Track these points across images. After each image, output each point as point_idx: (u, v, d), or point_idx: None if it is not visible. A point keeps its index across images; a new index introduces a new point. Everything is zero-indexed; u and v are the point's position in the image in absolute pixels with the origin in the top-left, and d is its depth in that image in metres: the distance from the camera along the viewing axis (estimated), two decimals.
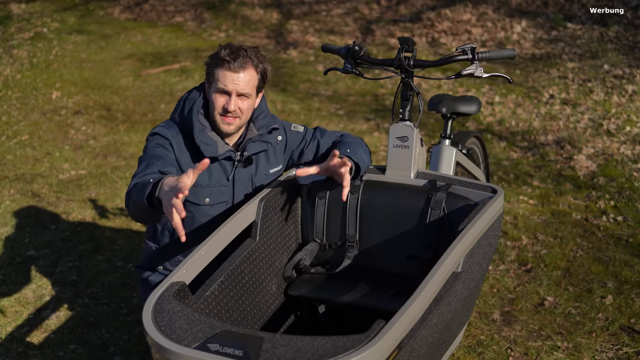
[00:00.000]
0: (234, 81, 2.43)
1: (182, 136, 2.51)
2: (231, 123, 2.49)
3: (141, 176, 2.30)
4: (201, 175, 2.51)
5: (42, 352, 2.99)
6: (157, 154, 2.44)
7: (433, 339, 2.06)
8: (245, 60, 2.43)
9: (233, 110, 2.45)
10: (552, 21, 8.13)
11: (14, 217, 4.25)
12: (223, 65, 2.43)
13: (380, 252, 2.62)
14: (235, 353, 1.74)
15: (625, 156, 4.99)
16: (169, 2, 10.52)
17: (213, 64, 2.47)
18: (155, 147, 2.48)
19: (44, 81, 7.33)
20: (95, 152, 5.39)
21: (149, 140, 2.52)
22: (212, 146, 2.48)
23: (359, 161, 2.51)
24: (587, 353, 2.94)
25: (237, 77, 2.43)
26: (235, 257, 2.37)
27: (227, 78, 2.43)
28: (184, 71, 7.57)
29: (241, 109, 2.48)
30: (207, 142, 2.48)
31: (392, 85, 6.91)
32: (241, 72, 2.43)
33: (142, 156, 2.48)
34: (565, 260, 3.70)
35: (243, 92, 2.45)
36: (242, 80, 2.44)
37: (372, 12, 9.23)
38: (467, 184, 2.54)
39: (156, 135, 2.51)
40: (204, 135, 2.48)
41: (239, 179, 2.59)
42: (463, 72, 2.52)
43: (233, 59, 2.41)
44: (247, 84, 2.45)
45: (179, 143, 2.50)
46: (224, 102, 2.46)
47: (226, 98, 2.46)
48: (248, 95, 2.47)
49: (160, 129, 2.52)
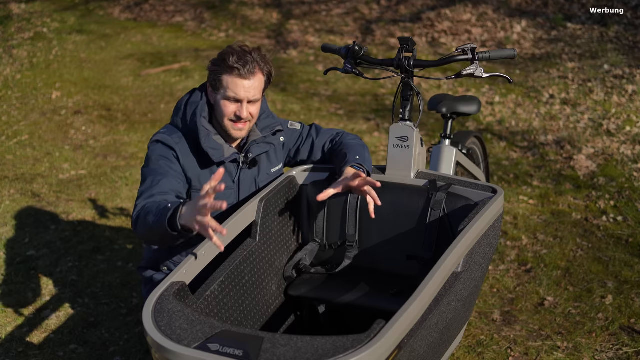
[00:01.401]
0: (246, 89, 2.41)
1: (185, 141, 2.49)
2: (242, 128, 2.49)
3: (147, 197, 2.30)
4: (206, 180, 2.49)
5: (42, 352, 2.99)
6: (162, 169, 2.42)
7: (433, 339, 2.06)
8: (254, 65, 2.41)
9: (246, 116, 2.45)
10: (552, 21, 8.13)
11: (14, 217, 4.25)
12: (232, 73, 2.40)
13: (380, 252, 2.62)
14: (235, 353, 1.74)
15: (625, 156, 4.99)
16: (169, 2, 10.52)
17: (220, 71, 2.43)
18: (159, 159, 2.44)
19: (44, 81, 7.33)
20: (95, 152, 5.39)
21: (151, 149, 2.48)
22: (218, 151, 2.47)
23: (369, 168, 2.54)
24: (587, 353, 2.94)
25: (249, 84, 2.41)
26: (235, 257, 2.37)
27: (238, 86, 2.41)
28: (184, 71, 7.57)
29: (252, 114, 2.48)
30: (214, 146, 2.46)
31: (392, 85, 6.91)
32: (251, 78, 2.41)
33: (145, 169, 2.45)
34: (565, 260, 3.70)
35: (254, 99, 2.45)
36: (252, 87, 2.42)
37: (372, 12, 9.23)
38: (467, 184, 2.54)
39: (159, 143, 2.48)
40: (209, 140, 2.46)
41: (243, 180, 2.58)
42: (463, 72, 2.52)
43: (242, 66, 2.39)
44: (257, 90, 2.45)
45: (184, 149, 2.48)
46: (235, 109, 2.44)
47: (237, 105, 2.44)
48: (257, 100, 2.48)
49: (163, 137, 2.48)
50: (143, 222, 2.24)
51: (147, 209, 2.25)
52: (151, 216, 2.20)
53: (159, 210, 2.18)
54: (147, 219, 2.21)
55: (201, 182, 2.50)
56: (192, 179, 2.50)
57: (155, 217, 2.17)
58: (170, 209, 2.13)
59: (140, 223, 2.26)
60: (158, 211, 2.18)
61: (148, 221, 2.21)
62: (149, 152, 2.49)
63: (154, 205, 2.24)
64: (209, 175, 2.50)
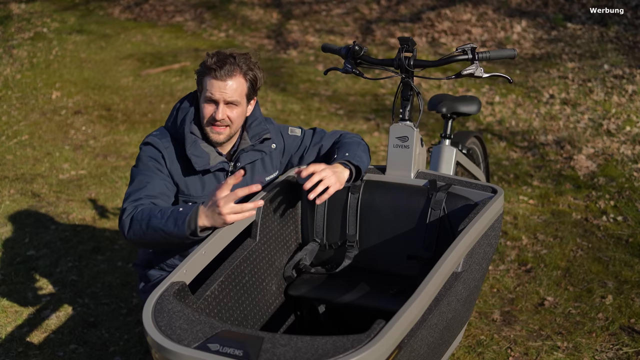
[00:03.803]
0: (221, 89, 2.39)
1: (174, 147, 2.49)
2: (221, 132, 2.46)
3: (135, 199, 2.33)
4: (194, 187, 2.50)
5: (42, 352, 2.99)
6: (150, 171, 2.44)
7: (433, 339, 2.06)
8: (233, 68, 2.39)
9: (221, 119, 2.42)
10: (552, 21, 8.13)
11: (14, 217, 4.25)
12: (210, 74, 2.39)
13: (380, 252, 2.62)
14: (235, 353, 1.74)
15: (625, 156, 4.99)
16: (169, 2, 10.52)
17: (201, 73, 2.44)
18: (149, 160, 2.46)
19: (44, 81, 7.33)
20: (95, 152, 5.39)
21: (142, 150, 2.50)
22: (203, 158, 2.46)
23: (359, 163, 2.50)
24: (587, 353, 2.94)
25: (224, 85, 2.39)
26: (235, 257, 2.37)
27: (214, 86, 2.40)
28: (184, 71, 7.57)
29: (230, 117, 2.44)
30: (199, 154, 2.45)
31: (392, 85, 6.91)
32: (228, 80, 2.39)
33: (135, 170, 2.47)
34: (565, 260, 3.70)
35: (231, 100, 2.41)
36: (229, 88, 2.40)
37: (372, 12, 9.23)
38: (467, 184, 2.54)
39: (149, 145, 2.49)
40: (195, 147, 2.45)
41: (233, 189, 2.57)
42: (463, 72, 2.52)
43: (220, 67, 2.38)
44: (234, 92, 2.41)
45: (171, 155, 2.48)
46: (212, 111, 2.43)
47: (214, 107, 2.43)
48: (237, 104, 2.44)
49: (153, 139, 2.49)
50: (139, 227, 2.25)
51: (145, 214, 2.26)
52: (156, 220, 2.22)
53: (169, 215, 2.21)
54: (150, 223, 2.23)
55: (188, 188, 2.50)
56: (179, 184, 2.50)
57: (165, 222, 2.20)
58: (187, 213, 2.18)
59: (134, 227, 2.27)
60: (168, 216, 2.21)
61: (152, 225, 2.22)
62: (140, 152, 2.50)
63: (155, 210, 2.26)
64: (196, 182, 2.50)
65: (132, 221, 2.28)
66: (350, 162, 2.48)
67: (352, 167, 2.48)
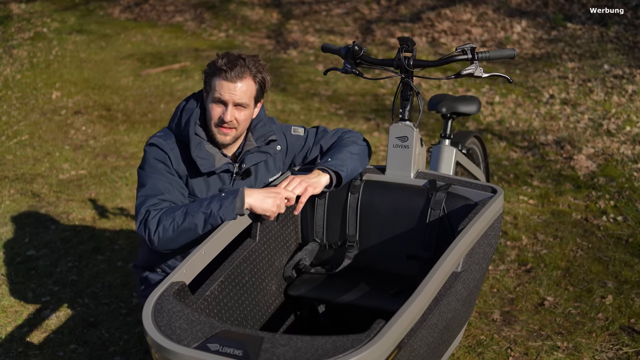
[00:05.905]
0: (231, 91, 2.39)
1: (179, 148, 2.49)
2: (227, 134, 2.46)
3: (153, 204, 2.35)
4: (199, 188, 2.50)
5: (42, 352, 2.99)
6: (160, 172, 2.44)
7: (433, 339, 2.06)
8: (243, 69, 2.39)
9: (229, 120, 2.42)
10: (552, 21, 8.13)
11: (14, 217, 4.25)
12: (220, 75, 2.39)
13: (380, 252, 2.62)
14: (235, 353, 1.74)
15: (625, 156, 4.99)
16: (169, 2, 10.52)
17: (210, 73, 2.43)
18: (157, 163, 2.45)
19: (44, 81, 7.33)
20: (95, 152, 5.39)
21: (147, 151, 2.49)
22: (208, 160, 2.46)
23: (339, 168, 2.49)
24: (587, 353, 2.94)
25: (234, 86, 2.39)
26: (235, 257, 2.37)
27: (224, 88, 2.39)
28: (184, 71, 7.57)
29: (238, 119, 2.44)
30: (204, 156, 2.45)
31: (392, 85, 6.91)
32: (238, 81, 2.39)
33: (142, 172, 2.46)
34: (565, 260, 3.70)
35: (240, 102, 2.41)
36: (239, 90, 2.40)
37: (372, 12, 9.23)
38: (467, 183, 2.54)
39: (154, 147, 2.48)
40: (200, 149, 2.45)
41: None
42: (463, 72, 2.52)
43: (230, 68, 2.38)
44: (244, 94, 2.42)
45: (177, 156, 2.48)
46: (220, 112, 2.43)
47: (222, 108, 2.42)
48: (245, 106, 2.44)
49: (158, 140, 2.48)
50: (171, 224, 2.29)
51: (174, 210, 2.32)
52: (194, 208, 2.29)
53: (208, 201, 2.30)
54: (187, 214, 2.28)
55: (193, 189, 2.50)
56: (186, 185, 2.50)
57: (207, 204, 2.29)
58: (232, 193, 2.30)
59: (165, 226, 2.29)
60: (209, 201, 2.30)
61: (190, 213, 2.28)
62: (145, 154, 2.49)
63: (183, 206, 2.33)
64: (201, 183, 2.50)
65: (159, 223, 2.29)
66: (329, 169, 2.49)
67: (332, 173, 2.49)
